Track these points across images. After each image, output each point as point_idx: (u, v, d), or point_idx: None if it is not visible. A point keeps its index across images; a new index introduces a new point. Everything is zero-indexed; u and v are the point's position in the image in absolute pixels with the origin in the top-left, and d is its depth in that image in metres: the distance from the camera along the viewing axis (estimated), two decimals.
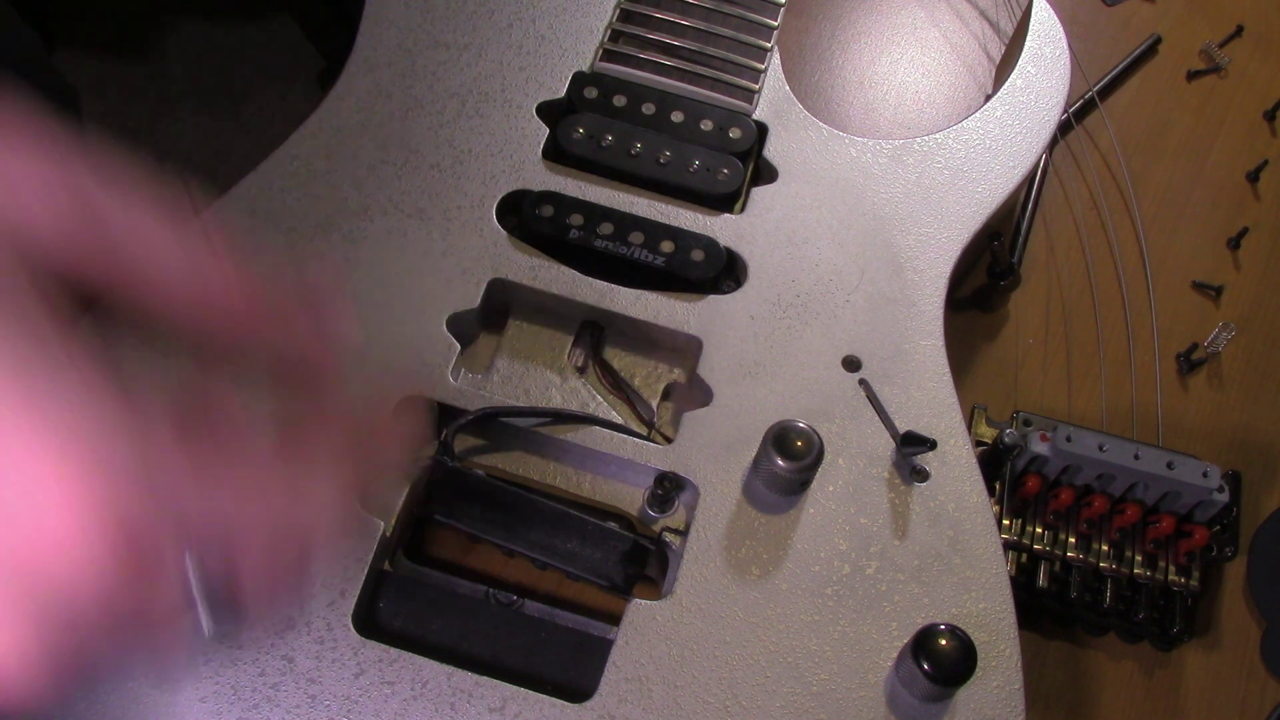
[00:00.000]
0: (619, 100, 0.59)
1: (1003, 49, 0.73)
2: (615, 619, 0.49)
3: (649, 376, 0.56)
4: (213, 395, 0.27)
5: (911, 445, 0.51)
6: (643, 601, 0.48)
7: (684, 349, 0.55)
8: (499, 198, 0.57)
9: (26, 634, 0.25)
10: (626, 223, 0.56)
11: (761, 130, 0.60)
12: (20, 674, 0.25)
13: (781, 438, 0.49)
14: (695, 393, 0.54)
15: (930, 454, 0.52)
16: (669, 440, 0.52)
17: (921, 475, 0.51)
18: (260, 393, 0.29)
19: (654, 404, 0.55)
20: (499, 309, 0.56)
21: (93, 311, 0.34)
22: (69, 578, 0.25)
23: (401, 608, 0.49)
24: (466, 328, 0.55)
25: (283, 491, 0.28)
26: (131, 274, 0.27)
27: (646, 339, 0.56)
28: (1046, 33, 0.63)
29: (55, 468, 0.24)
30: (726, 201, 0.58)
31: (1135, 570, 0.57)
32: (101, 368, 0.25)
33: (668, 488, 0.51)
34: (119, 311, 0.28)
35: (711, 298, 0.55)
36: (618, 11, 0.62)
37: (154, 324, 0.28)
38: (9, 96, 0.25)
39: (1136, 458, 0.56)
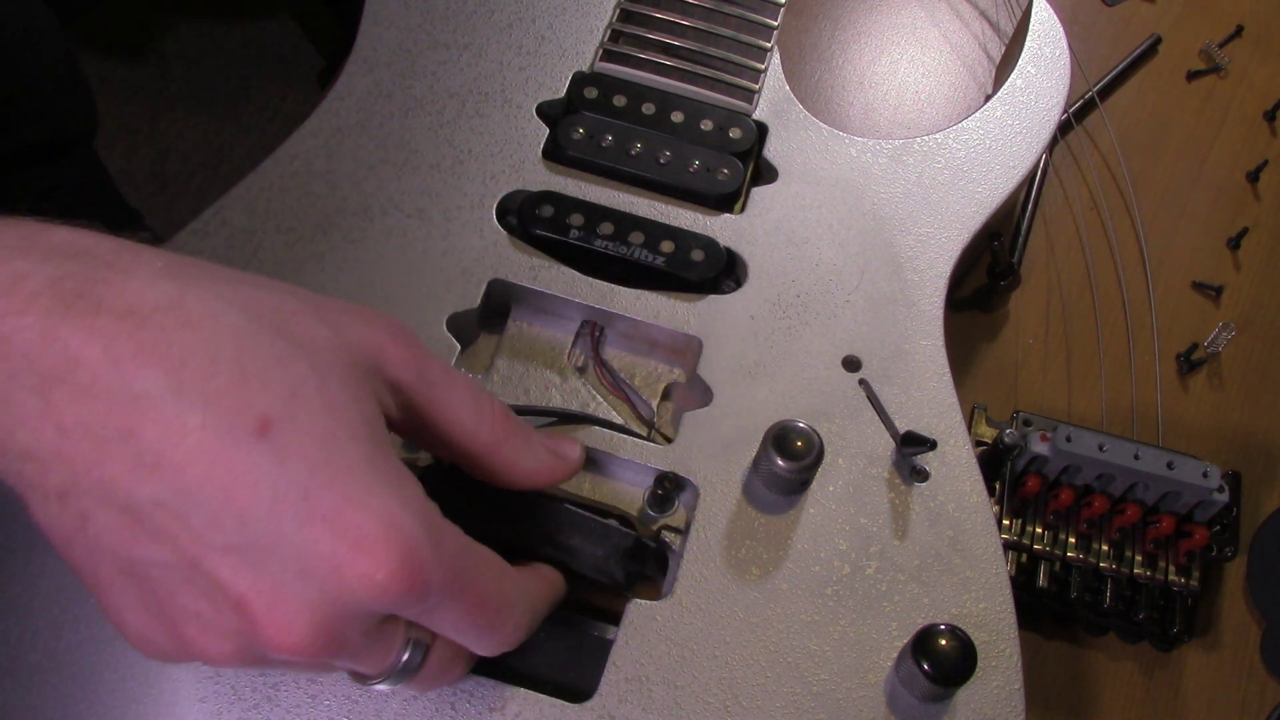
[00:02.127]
0: (619, 100, 0.60)
1: (1003, 49, 0.73)
2: (615, 619, 0.49)
3: (649, 376, 0.56)
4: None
5: (911, 445, 0.51)
6: (643, 601, 0.48)
7: (684, 349, 0.55)
8: (499, 198, 0.57)
9: (310, 617, 0.32)
10: (626, 223, 0.56)
11: (761, 130, 0.60)
12: (297, 641, 0.33)
13: (781, 438, 0.49)
14: (695, 393, 0.54)
15: (930, 454, 0.52)
16: (669, 440, 0.52)
17: (921, 475, 0.51)
18: None
19: (654, 404, 0.55)
20: (499, 309, 0.56)
21: None
22: (360, 588, 0.32)
23: None
24: (466, 328, 0.55)
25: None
26: (437, 409, 0.39)
27: (646, 339, 0.56)
28: (1046, 33, 0.63)
29: (392, 511, 0.33)
30: (726, 201, 0.58)
31: (1135, 570, 0.57)
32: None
33: (668, 488, 0.51)
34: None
35: (711, 298, 0.55)
36: (618, 11, 0.62)
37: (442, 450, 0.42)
38: None
39: (1136, 458, 0.56)
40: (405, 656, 0.38)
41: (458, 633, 0.37)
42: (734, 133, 0.59)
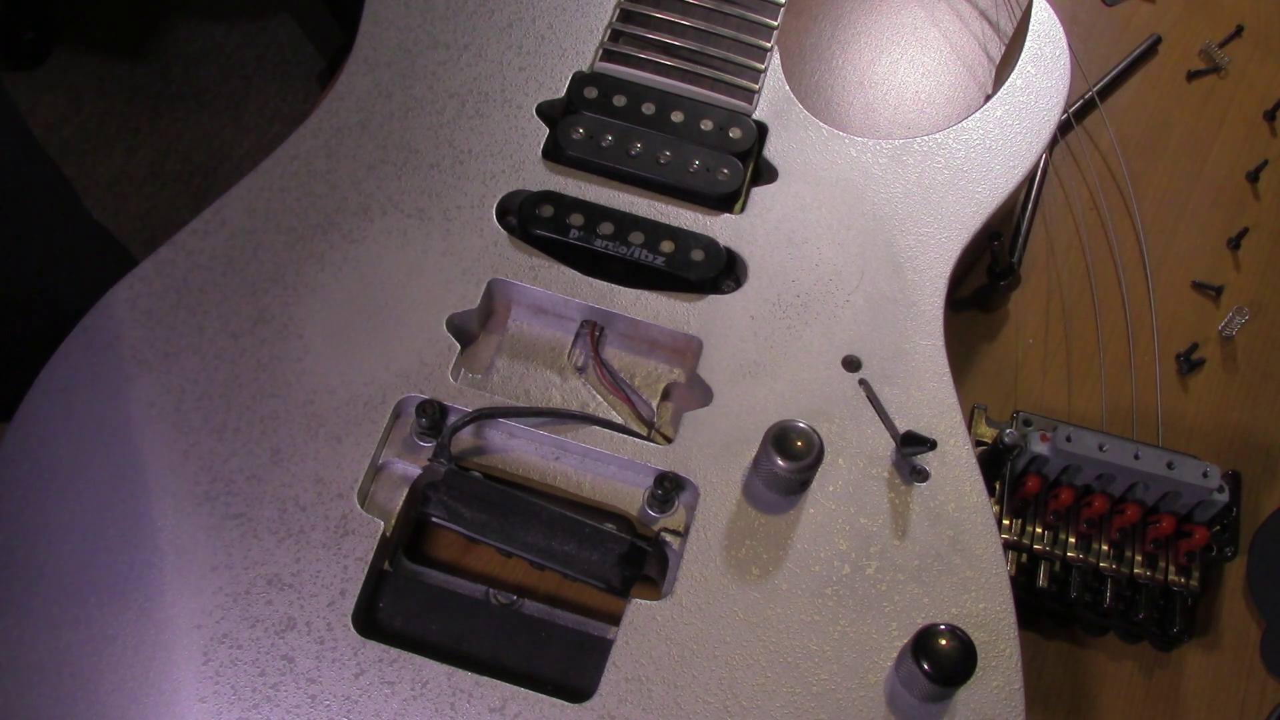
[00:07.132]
0: (619, 100, 0.59)
1: (1003, 49, 0.73)
2: (615, 619, 0.49)
3: (649, 376, 0.56)
4: None
5: (911, 445, 0.51)
6: (643, 601, 0.48)
7: (684, 349, 0.55)
8: (499, 198, 0.57)
9: None
10: (626, 223, 0.56)
11: (761, 130, 0.60)
12: None
13: (781, 438, 0.49)
14: (695, 393, 0.54)
15: (930, 454, 0.52)
16: (669, 440, 0.52)
17: (921, 475, 0.51)
18: None
19: (654, 404, 0.55)
20: (499, 309, 0.56)
21: None
22: None
23: (401, 608, 0.49)
24: (466, 328, 0.55)
25: None
26: None
27: (646, 339, 0.56)
28: (1046, 33, 0.63)
29: None
30: (726, 201, 0.58)
31: (1135, 570, 0.57)
32: None
33: (667, 488, 0.51)
34: None
35: (711, 298, 0.55)
36: (618, 11, 0.62)
37: None
38: None
39: (1136, 458, 0.55)
40: None
41: None
42: (734, 133, 0.59)
